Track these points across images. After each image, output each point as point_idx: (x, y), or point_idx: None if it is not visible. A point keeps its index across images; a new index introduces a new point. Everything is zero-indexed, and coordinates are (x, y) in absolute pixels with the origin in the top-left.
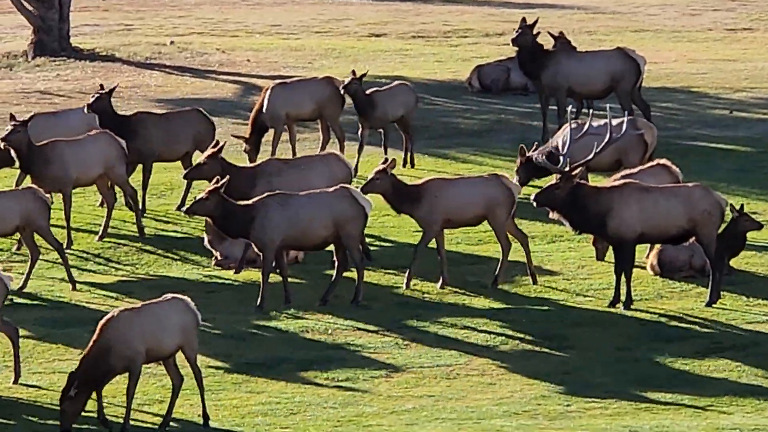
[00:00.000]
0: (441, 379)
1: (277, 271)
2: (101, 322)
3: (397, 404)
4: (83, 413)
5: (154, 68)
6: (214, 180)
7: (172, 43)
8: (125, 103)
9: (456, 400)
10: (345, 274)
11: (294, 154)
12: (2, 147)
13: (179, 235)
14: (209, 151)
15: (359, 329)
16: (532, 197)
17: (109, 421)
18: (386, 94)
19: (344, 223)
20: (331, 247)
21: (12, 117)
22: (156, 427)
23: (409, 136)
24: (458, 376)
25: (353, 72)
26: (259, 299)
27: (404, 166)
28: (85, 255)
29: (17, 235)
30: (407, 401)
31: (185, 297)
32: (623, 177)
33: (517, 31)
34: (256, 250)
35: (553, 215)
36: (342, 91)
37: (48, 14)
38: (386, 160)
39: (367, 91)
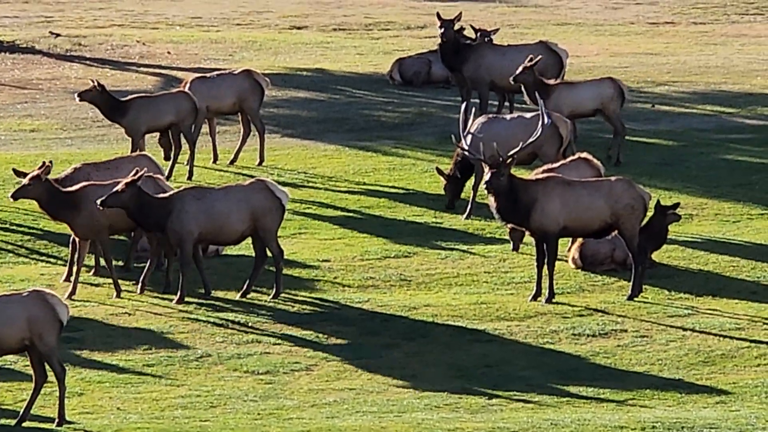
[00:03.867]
0: (362, 373)
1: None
2: None
3: (317, 397)
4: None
5: (74, 60)
6: (133, 172)
7: (56, 35)
8: (45, 96)
9: (377, 394)
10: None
11: (214, 147)
12: None
13: None
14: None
15: (279, 322)
16: (483, 184)
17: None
18: (147, 101)
19: (261, 215)
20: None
21: None
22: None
23: (178, 148)
24: (379, 369)
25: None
26: (178, 293)
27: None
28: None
29: None
30: (328, 394)
31: (47, 290)
32: (545, 171)
33: (440, 28)
34: (172, 243)
35: (491, 203)
36: (77, 99)
37: None
38: (43, 164)
39: (132, 96)
